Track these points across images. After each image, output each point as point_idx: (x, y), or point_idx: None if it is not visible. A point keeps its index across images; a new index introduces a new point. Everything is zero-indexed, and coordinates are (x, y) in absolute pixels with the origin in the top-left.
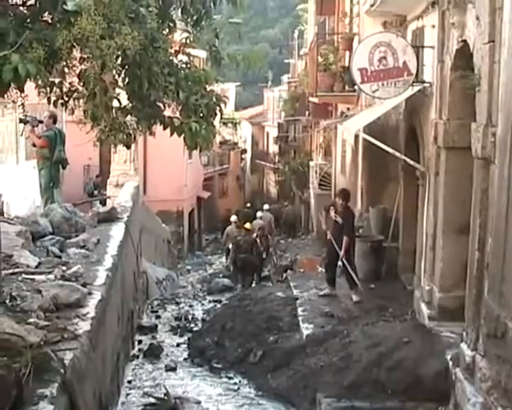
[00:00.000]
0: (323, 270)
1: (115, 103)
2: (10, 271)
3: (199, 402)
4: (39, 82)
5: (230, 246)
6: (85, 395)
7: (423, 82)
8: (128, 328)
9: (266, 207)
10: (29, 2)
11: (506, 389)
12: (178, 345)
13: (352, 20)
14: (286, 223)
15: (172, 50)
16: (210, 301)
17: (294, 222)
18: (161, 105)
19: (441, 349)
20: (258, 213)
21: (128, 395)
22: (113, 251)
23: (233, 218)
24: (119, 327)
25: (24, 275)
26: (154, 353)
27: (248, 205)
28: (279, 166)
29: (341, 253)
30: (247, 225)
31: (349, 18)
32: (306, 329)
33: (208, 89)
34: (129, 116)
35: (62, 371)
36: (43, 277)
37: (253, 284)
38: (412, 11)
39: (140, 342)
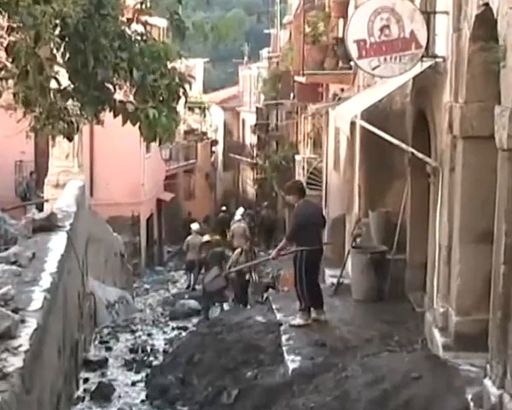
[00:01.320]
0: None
1: (53, 85)
2: None
3: None
4: None
5: (190, 256)
6: None
7: (435, 56)
8: (71, 363)
9: (241, 211)
10: None
11: None
12: (134, 384)
13: None
14: (263, 230)
15: (124, 19)
16: (173, 329)
17: (273, 228)
18: (111, 87)
19: (459, 386)
20: (237, 215)
21: None
22: (53, 268)
23: (194, 226)
24: (60, 362)
25: None
26: (103, 394)
27: (224, 208)
28: (258, 162)
29: (272, 253)
30: (207, 237)
31: None
32: (293, 362)
33: (169, 66)
34: (71, 100)
35: None
36: None
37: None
38: None
39: (86, 380)
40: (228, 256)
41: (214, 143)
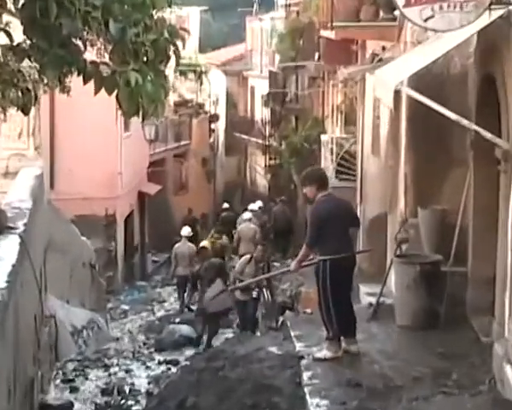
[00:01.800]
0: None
1: (3, 40)
2: None
3: None
4: None
5: (180, 271)
6: None
7: (508, 3)
8: (25, 408)
9: (254, 206)
10: None
11: None
12: None
13: None
14: (275, 232)
15: None
16: (160, 363)
17: (289, 231)
18: (80, 43)
19: None
20: (247, 213)
21: None
22: (0, 282)
23: (185, 231)
24: (10, 407)
25: None
26: None
27: (226, 205)
28: (271, 143)
29: (291, 265)
30: (205, 243)
31: None
32: (317, 407)
33: (156, 17)
34: (26, 61)
35: None
36: None
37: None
38: None
39: None
40: (228, 269)
41: (214, 118)
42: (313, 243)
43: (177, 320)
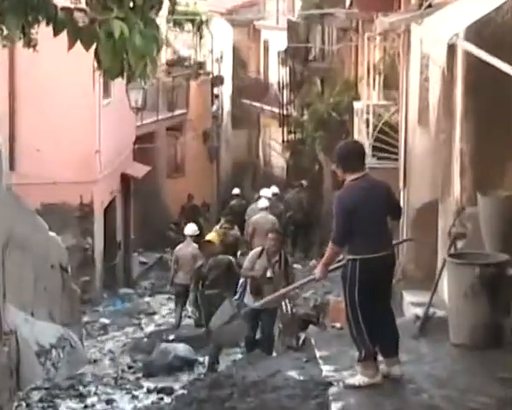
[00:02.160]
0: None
1: None
2: None
3: None
4: None
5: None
6: None
7: None
8: None
9: (268, 192)
10: None
11: None
12: None
13: None
14: (294, 225)
15: None
16: (149, 392)
17: (306, 224)
18: None
19: None
20: (262, 200)
21: None
22: None
23: (189, 229)
24: None
25: None
26: None
27: (237, 191)
28: (290, 113)
29: (316, 272)
30: (212, 236)
31: None
32: None
33: None
34: None
35: None
36: None
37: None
38: None
39: None
40: (237, 269)
41: (217, 81)
42: (340, 241)
43: (172, 337)
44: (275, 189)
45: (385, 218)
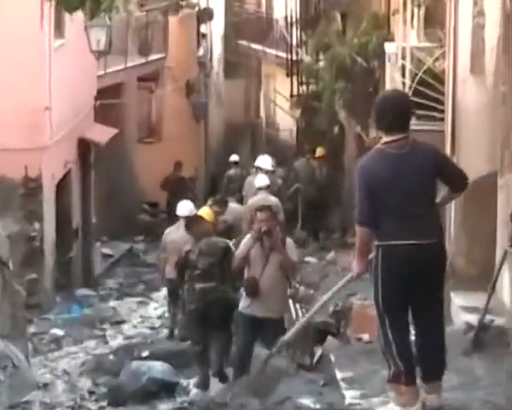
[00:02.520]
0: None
1: None
2: None
3: None
4: None
5: (171, 273)
6: None
7: None
8: None
9: (267, 162)
10: None
11: None
12: None
13: None
14: (304, 203)
15: None
16: None
17: (320, 204)
18: None
19: None
20: (260, 179)
21: None
22: None
23: (183, 209)
24: None
25: None
26: None
27: (234, 158)
28: (301, 58)
29: (353, 267)
30: (205, 210)
31: None
32: None
33: None
34: None
35: None
36: None
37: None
38: None
39: None
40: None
41: (205, 15)
42: (366, 220)
43: (145, 354)
44: (268, 159)
45: (427, 195)
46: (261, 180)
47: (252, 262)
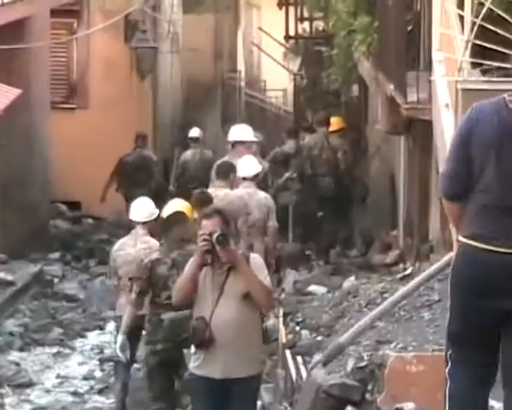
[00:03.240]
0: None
1: None
2: None
3: None
4: None
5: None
6: None
7: None
8: None
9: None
10: None
11: None
12: None
13: None
14: (320, 201)
15: None
16: None
17: (343, 204)
18: None
19: None
20: (247, 162)
21: None
22: None
23: (144, 209)
24: None
25: None
26: None
27: (196, 134)
28: None
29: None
30: (184, 205)
31: None
32: None
33: None
34: None
35: None
36: None
37: None
38: None
39: None
40: None
41: None
42: (451, 189)
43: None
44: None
45: None
46: (248, 165)
47: (199, 295)
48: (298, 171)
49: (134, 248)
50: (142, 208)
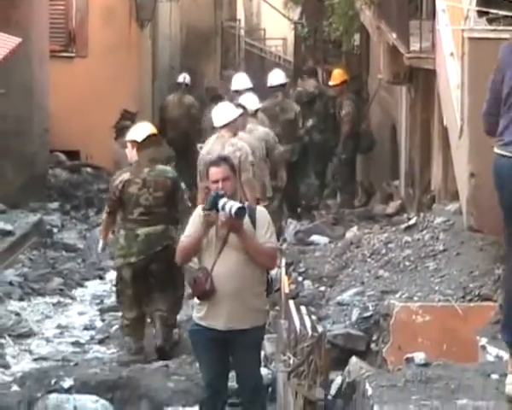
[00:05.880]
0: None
1: None
2: None
3: None
4: None
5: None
6: None
7: None
8: None
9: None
10: None
11: None
12: None
13: None
14: (344, 153)
15: None
16: None
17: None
18: None
19: None
20: (249, 100)
21: None
22: None
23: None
24: None
25: None
26: None
27: (183, 79)
28: None
29: None
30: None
31: None
32: None
33: None
34: None
35: None
36: None
37: None
38: None
39: None
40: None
41: None
42: (484, 117)
43: (67, 384)
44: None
45: None
46: (251, 101)
47: (202, 247)
48: (322, 111)
49: (222, 151)
50: (224, 112)
